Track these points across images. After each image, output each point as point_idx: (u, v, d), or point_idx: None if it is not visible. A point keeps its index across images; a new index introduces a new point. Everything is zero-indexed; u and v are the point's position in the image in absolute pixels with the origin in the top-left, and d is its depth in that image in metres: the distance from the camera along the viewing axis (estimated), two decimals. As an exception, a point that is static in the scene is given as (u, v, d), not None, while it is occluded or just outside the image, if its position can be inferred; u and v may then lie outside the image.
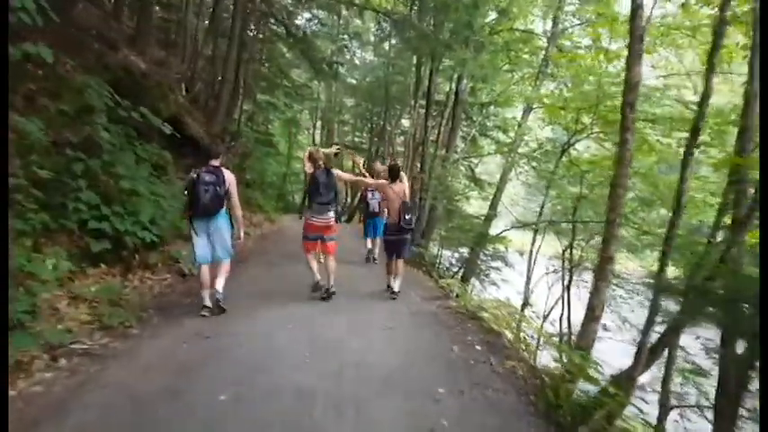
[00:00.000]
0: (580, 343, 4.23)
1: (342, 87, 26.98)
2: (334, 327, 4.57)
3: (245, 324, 4.49)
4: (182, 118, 9.79)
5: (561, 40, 13.35)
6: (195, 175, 4.61)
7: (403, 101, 22.17)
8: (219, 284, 4.67)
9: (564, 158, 9.94)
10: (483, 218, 12.00)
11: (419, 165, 12.54)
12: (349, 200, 25.11)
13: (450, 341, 4.29)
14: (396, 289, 5.99)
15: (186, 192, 4.62)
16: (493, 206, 11.89)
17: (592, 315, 4.21)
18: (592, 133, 9.49)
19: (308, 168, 5.48)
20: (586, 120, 9.25)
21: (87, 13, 9.10)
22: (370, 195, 8.68)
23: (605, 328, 13.14)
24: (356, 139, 28.83)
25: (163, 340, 3.89)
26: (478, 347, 4.14)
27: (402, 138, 22.64)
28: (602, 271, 4.21)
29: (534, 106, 11.99)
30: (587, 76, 10.07)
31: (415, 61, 17.32)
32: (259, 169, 24.99)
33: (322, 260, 5.78)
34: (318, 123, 29.46)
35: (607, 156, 10.01)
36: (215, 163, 4.80)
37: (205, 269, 4.71)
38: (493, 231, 11.98)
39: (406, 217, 5.78)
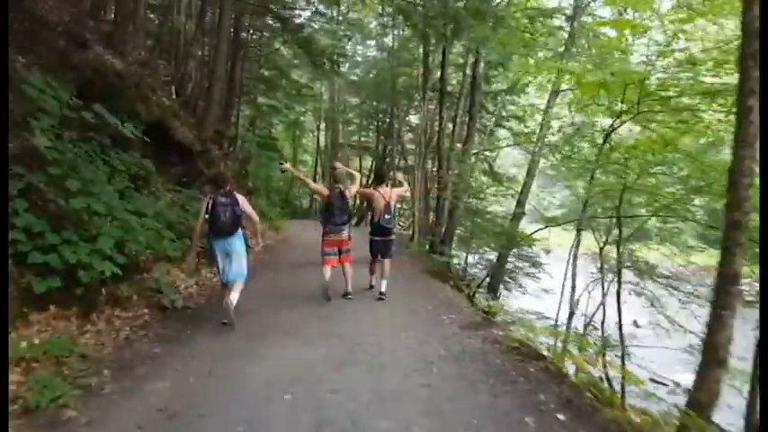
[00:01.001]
0: (699, 396, 3.00)
1: (345, 85, 25.86)
2: (354, 394, 3.33)
3: (227, 392, 3.31)
4: (167, 122, 8.67)
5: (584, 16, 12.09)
6: (211, 200, 4.84)
7: (410, 96, 20.96)
8: (234, 297, 4.79)
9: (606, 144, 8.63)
10: (510, 217, 10.73)
11: (435, 162, 11.27)
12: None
13: (518, 407, 3.04)
14: (383, 289, 6.11)
15: (206, 213, 4.81)
16: (520, 203, 10.64)
17: (714, 357, 2.98)
18: (639, 113, 8.18)
19: (323, 192, 6.10)
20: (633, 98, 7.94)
21: (56, 9, 8.00)
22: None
23: (636, 325, 11.88)
24: (362, 139, 27.63)
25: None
26: (561, 416, 2.90)
27: (411, 135, 21.48)
28: (727, 295, 2.98)
29: (563, 88, 10.72)
30: (624, 49, 8.81)
31: (422, 51, 16.12)
32: (263, 175, 23.95)
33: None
34: (323, 125, 28.30)
35: (653, 139, 8.72)
36: (226, 189, 4.97)
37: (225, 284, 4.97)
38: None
39: (386, 216, 6.12)
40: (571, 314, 9.15)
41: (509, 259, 10.27)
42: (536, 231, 9.85)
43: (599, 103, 9.03)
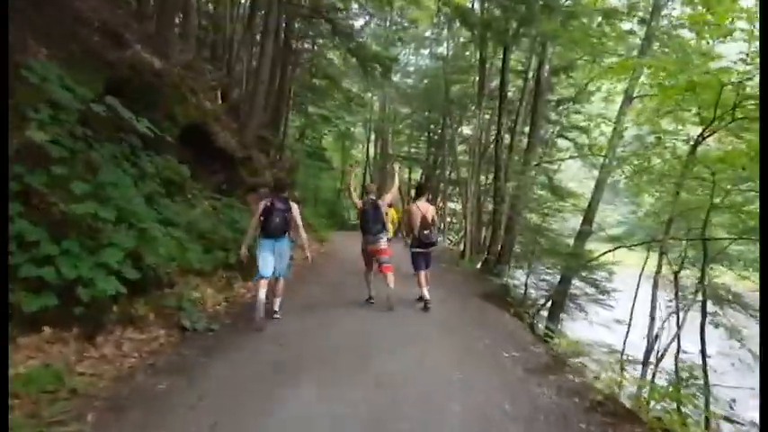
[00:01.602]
0: None
1: (396, 95, 25.30)
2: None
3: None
4: (208, 127, 8.25)
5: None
6: (269, 203, 5.19)
7: (463, 105, 20.07)
8: (277, 304, 5.45)
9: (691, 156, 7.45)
10: (573, 235, 9.58)
11: (490, 174, 10.31)
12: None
13: None
14: (427, 296, 6.12)
15: (261, 216, 5.18)
16: (587, 220, 9.47)
17: None
18: (735, 119, 6.95)
19: (358, 203, 6.30)
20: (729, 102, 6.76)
21: (97, 8, 7.78)
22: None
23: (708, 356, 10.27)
24: (413, 150, 26.89)
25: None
26: None
27: (463, 146, 20.52)
28: None
29: (638, 94, 9.55)
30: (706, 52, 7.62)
31: (478, 57, 15.25)
32: (312, 186, 23.69)
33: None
34: (372, 136, 27.80)
35: (744, 151, 7.44)
36: (284, 194, 5.39)
37: (263, 283, 5.09)
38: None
39: (425, 232, 6.28)
40: (649, 350, 7.92)
41: (573, 283, 9.12)
42: (606, 252, 8.68)
43: (685, 109, 7.84)
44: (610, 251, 8.49)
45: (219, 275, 6.44)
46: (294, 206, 5.35)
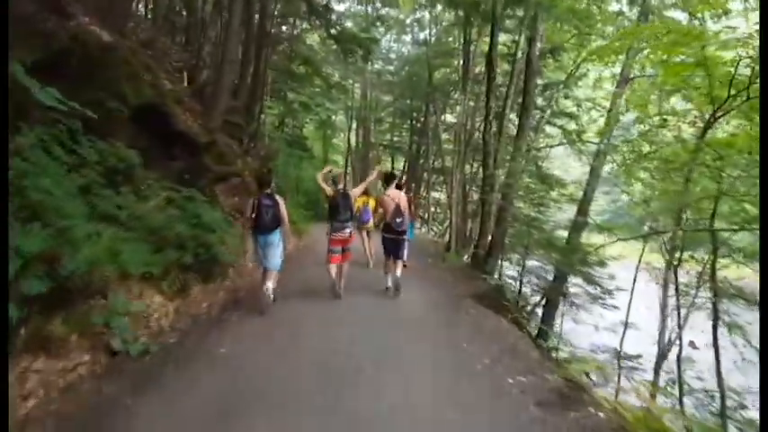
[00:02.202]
0: None
1: (378, 82, 24.39)
2: None
3: None
4: (165, 108, 7.30)
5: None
6: (257, 200, 5.45)
7: (446, 92, 19.28)
8: (270, 286, 5.46)
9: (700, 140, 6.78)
10: (567, 228, 8.89)
11: (475, 162, 9.55)
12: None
13: None
14: (389, 284, 6.34)
15: (252, 212, 5.43)
16: (582, 210, 8.79)
17: None
18: (750, 98, 6.26)
19: (329, 192, 6.28)
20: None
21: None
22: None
23: (694, 346, 9.79)
24: (395, 138, 26.04)
25: None
26: None
27: (447, 134, 19.73)
28: None
29: (633, 76, 8.85)
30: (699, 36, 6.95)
31: (462, 40, 14.44)
32: (293, 175, 22.60)
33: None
34: (354, 124, 26.80)
35: (753, 135, 6.80)
36: (268, 191, 5.57)
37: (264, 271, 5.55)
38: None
39: (397, 220, 6.32)
40: (661, 357, 7.33)
41: (571, 280, 8.44)
42: (603, 246, 8.02)
43: (693, 87, 7.13)
44: (608, 244, 7.82)
45: (173, 279, 5.55)
46: (280, 201, 5.58)
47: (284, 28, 17.92)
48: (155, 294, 5.14)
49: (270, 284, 5.44)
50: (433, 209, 21.19)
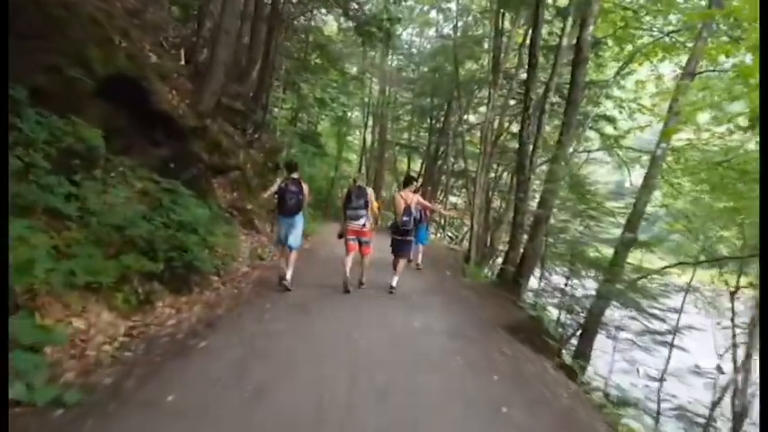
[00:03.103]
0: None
1: (397, 78, 23.21)
2: None
3: None
4: (145, 83, 6.21)
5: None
6: (284, 185, 5.78)
7: (470, 90, 17.97)
8: (288, 274, 5.87)
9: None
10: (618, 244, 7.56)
11: (520, 163, 8.27)
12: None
13: None
14: (393, 284, 6.42)
15: (277, 196, 5.81)
16: (631, 226, 7.49)
17: None
18: None
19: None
20: None
21: None
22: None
23: (721, 371, 8.43)
24: (412, 138, 24.77)
25: None
26: None
27: (468, 136, 18.45)
28: None
29: (700, 71, 7.53)
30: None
31: (493, 31, 13.19)
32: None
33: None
34: (370, 121, 25.56)
35: None
36: (295, 176, 5.88)
37: (281, 248, 6.05)
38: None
39: (404, 219, 6.42)
40: (715, 404, 5.98)
41: (619, 310, 7.10)
42: (666, 268, 6.75)
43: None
44: (669, 267, 6.54)
45: (131, 290, 4.43)
46: (305, 188, 5.87)
47: (302, 19, 16.91)
48: (102, 310, 4.01)
49: (289, 274, 5.84)
50: (449, 214, 19.86)
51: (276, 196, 5.87)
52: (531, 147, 7.79)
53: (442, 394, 3.32)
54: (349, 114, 27.42)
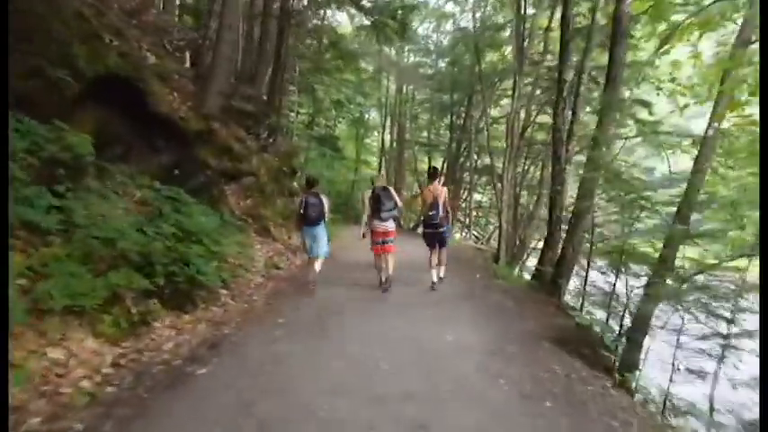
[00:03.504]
0: None
1: (413, 75, 22.54)
2: None
3: None
4: (140, 84, 5.73)
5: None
6: (305, 198, 6.11)
7: (491, 83, 17.16)
8: (317, 268, 6.26)
9: None
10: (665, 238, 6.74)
11: (555, 152, 7.51)
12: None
13: None
14: (438, 277, 6.57)
15: (300, 208, 6.09)
16: (682, 217, 6.66)
17: None
18: None
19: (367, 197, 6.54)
20: None
21: None
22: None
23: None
24: (432, 137, 24.00)
25: None
26: None
27: (487, 132, 17.64)
28: None
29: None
30: None
31: (515, 13, 12.43)
32: (325, 177, 20.85)
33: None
34: (388, 121, 24.90)
35: None
36: (315, 190, 6.23)
37: (311, 260, 6.31)
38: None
39: (430, 213, 6.43)
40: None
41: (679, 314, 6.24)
42: (723, 261, 5.95)
43: None
44: (731, 259, 5.74)
45: (122, 311, 3.90)
46: (325, 200, 6.22)
47: (314, 20, 16.47)
48: (86, 337, 3.49)
49: (317, 265, 6.24)
50: (474, 213, 19.11)
51: (300, 209, 6.16)
52: (565, 134, 7.04)
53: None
54: (366, 116, 26.90)
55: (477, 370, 3.60)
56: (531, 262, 13.56)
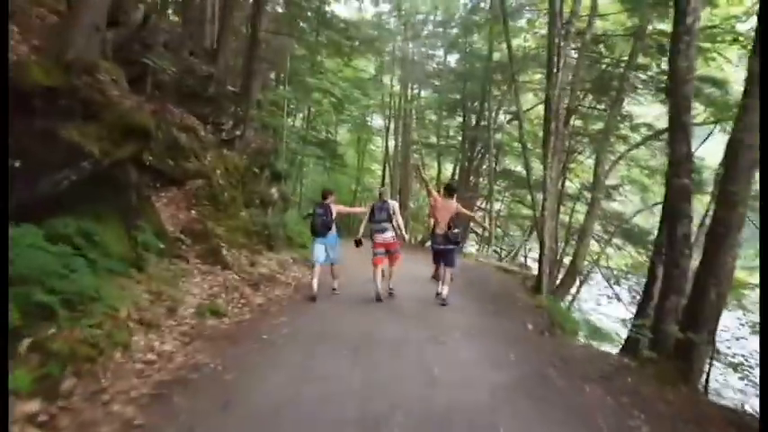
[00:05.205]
0: None
1: (420, 74, 19.86)
2: None
3: None
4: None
5: None
6: (313, 210, 6.45)
7: (510, 72, 14.30)
8: (336, 283, 6.55)
9: None
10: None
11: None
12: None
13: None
14: (445, 294, 6.23)
15: (311, 218, 6.41)
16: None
17: None
18: None
19: (366, 209, 6.88)
20: None
21: None
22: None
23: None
24: (441, 141, 21.03)
25: None
26: None
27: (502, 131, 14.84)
28: None
29: None
30: None
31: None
32: (319, 185, 18.08)
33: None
34: (392, 125, 21.96)
35: None
36: (326, 202, 6.37)
37: (318, 268, 6.22)
38: None
39: (455, 231, 6.34)
40: None
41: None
42: None
43: None
44: None
45: None
46: (334, 208, 6.40)
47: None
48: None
49: (336, 282, 6.50)
50: (495, 225, 16.14)
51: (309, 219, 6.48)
52: (692, 85, 4.18)
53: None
54: (368, 119, 24.17)
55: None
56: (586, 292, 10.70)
